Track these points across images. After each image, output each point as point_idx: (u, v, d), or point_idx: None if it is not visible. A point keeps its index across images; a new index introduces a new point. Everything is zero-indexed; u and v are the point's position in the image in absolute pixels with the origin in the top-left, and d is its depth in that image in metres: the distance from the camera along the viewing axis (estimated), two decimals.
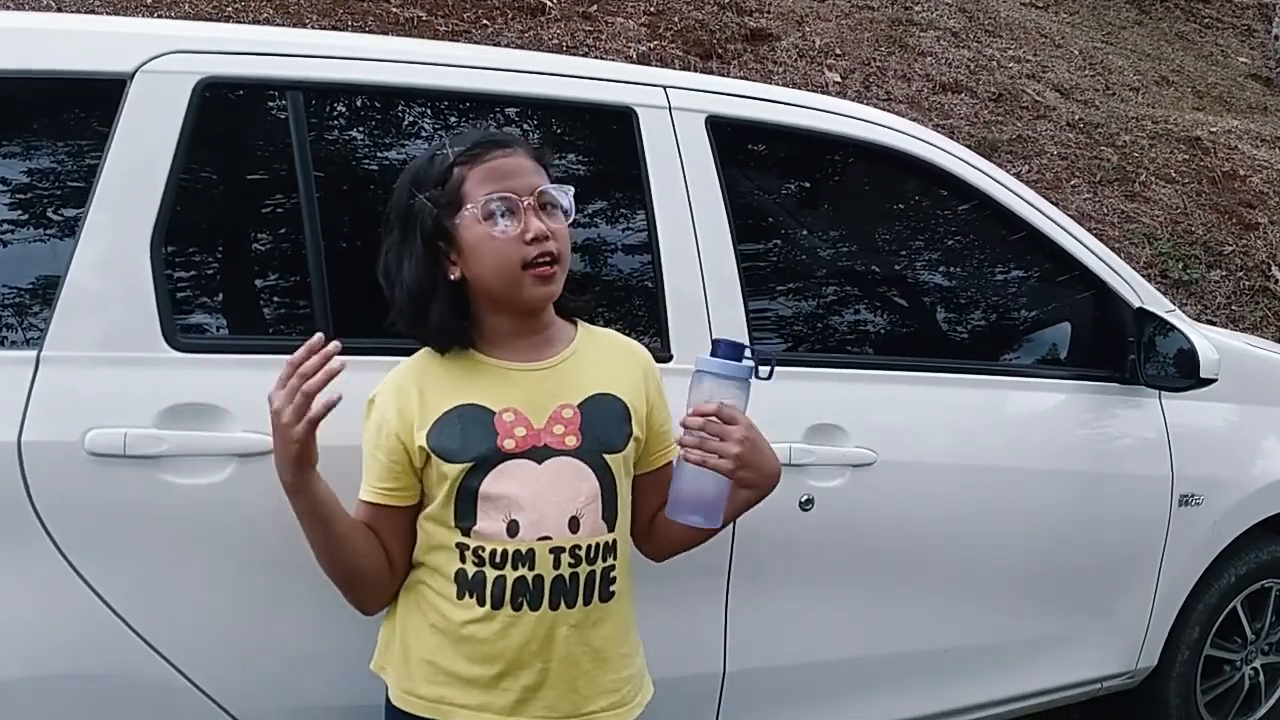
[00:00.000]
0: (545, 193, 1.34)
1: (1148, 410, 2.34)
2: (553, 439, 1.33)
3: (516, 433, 1.33)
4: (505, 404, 1.34)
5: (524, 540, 1.31)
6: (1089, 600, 2.33)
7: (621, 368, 1.43)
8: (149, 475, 1.47)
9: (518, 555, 1.31)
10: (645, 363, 1.47)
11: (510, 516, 1.32)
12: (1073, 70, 8.10)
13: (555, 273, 1.33)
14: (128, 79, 1.55)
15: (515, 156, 1.34)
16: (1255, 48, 10.30)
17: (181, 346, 1.53)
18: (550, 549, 1.32)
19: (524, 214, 1.31)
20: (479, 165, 1.33)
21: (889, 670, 2.08)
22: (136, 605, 1.49)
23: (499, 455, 1.32)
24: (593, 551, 1.34)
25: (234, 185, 1.75)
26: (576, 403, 1.36)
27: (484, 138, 1.37)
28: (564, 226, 1.35)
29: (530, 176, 1.34)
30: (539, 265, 1.31)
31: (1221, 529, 2.46)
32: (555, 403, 1.35)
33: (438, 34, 5.44)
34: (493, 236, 1.30)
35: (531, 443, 1.33)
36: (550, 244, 1.31)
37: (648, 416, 1.43)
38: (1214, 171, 7.18)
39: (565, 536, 1.32)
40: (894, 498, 1.98)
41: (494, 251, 1.31)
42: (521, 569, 1.31)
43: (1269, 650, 2.72)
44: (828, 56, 6.82)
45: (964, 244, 2.40)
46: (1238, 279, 6.45)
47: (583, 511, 1.33)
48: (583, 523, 1.33)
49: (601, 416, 1.37)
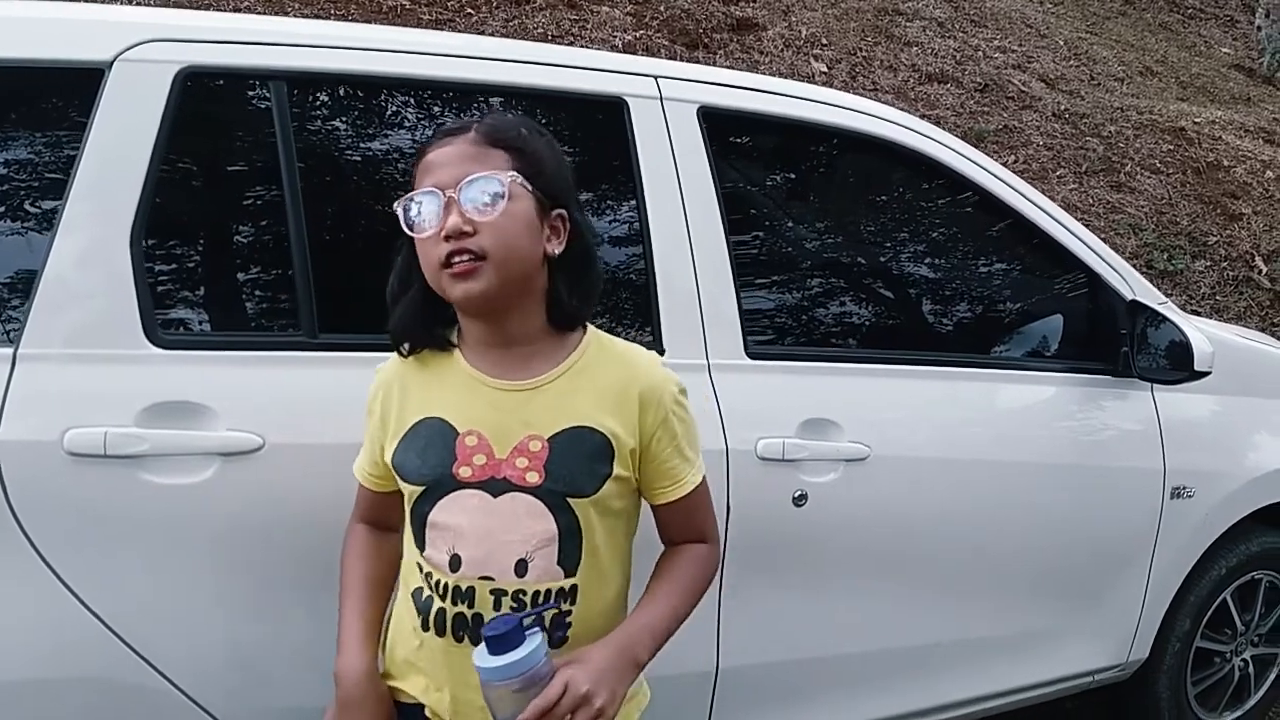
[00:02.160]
0: (466, 182, 1.19)
1: (1140, 403, 2.33)
2: (513, 472, 1.22)
3: (475, 460, 1.22)
4: (471, 425, 1.24)
5: (464, 577, 1.23)
6: (1081, 593, 2.33)
7: (614, 396, 1.26)
8: (130, 475, 1.44)
9: (458, 591, 1.23)
10: (649, 390, 1.28)
11: (454, 550, 1.23)
12: (1058, 61, 8.11)
13: (474, 269, 1.19)
14: (106, 68, 1.51)
15: (455, 145, 1.22)
16: (1238, 38, 10.35)
17: (163, 343, 1.49)
18: (491, 590, 1.22)
19: (445, 210, 1.19)
20: (422, 158, 1.24)
21: (883, 666, 2.07)
22: (118, 608, 1.45)
23: (452, 483, 1.22)
24: (540, 598, 1.23)
25: (216, 177, 1.71)
26: (548, 435, 1.23)
27: (448, 125, 1.27)
28: (492, 217, 1.18)
29: (461, 166, 1.20)
30: (453, 263, 1.19)
31: (1213, 521, 2.46)
32: (525, 432, 1.23)
33: (421, 22, 5.39)
34: (416, 236, 1.22)
35: (490, 473, 1.22)
36: (472, 240, 1.18)
37: (646, 450, 1.28)
38: (1198, 162, 7.21)
39: (509, 580, 1.22)
40: (887, 492, 1.96)
41: (422, 252, 1.23)
42: (461, 605, 1.23)
43: (1258, 642, 2.73)
44: (814, 46, 6.80)
45: (958, 236, 2.38)
46: (1222, 269, 6.48)
47: (533, 555, 1.22)
48: (532, 567, 1.22)
49: (573, 454, 1.23)
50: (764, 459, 1.82)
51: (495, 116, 1.27)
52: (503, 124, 1.26)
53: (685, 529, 1.36)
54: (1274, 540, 2.63)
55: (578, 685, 1.16)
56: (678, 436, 1.30)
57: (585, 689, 1.16)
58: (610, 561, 1.29)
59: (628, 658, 1.23)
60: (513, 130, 1.25)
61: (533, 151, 1.25)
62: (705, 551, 1.37)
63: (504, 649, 1.14)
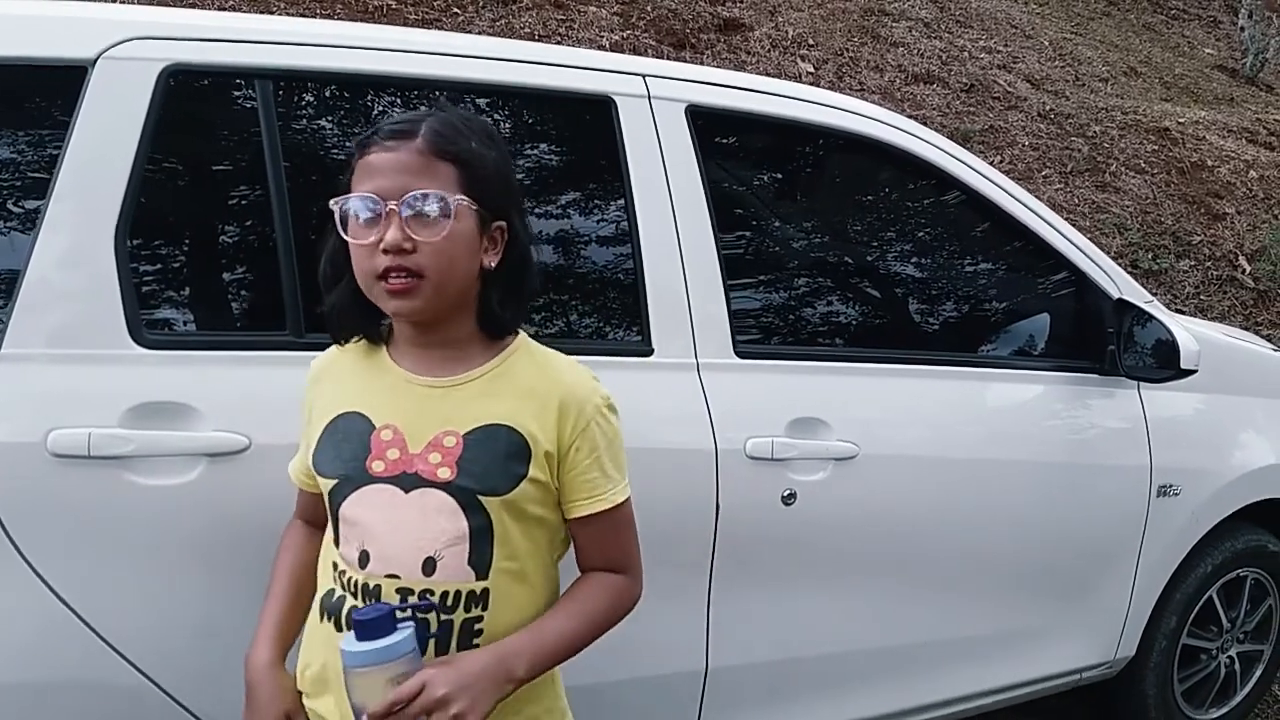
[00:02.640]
0: (412, 199, 1.15)
1: (1126, 401, 2.34)
2: (425, 468, 1.19)
3: (389, 455, 1.19)
4: (388, 419, 1.21)
5: (371, 574, 1.19)
6: (1069, 591, 2.33)
7: (536, 400, 1.23)
8: (115, 476, 1.42)
9: (365, 589, 1.19)
10: (571, 396, 1.24)
11: (363, 546, 1.20)
12: (1043, 61, 8.14)
13: (410, 287, 1.16)
14: (89, 66, 1.50)
15: (400, 151, 1.17)
16: (1221, 39, 10.42)
17: (148, 343, 1.48)
18: (397, 589, 1.18)
19: (384, 220, 1.15)
20: (363, 157, 1.19)
21: (872, 664, 2.07)
22: (103, 610, 1.44)
23: (364, 477, 1.19)
24: (449, 599, 1.18)
25: (201, 176, 1.70)
26: (464, 431, 1.20)
27: (387, 125, 1.20)
28: (437, 238, 1.15)
29: (404, 177, 1.16)
30: (389, 279, 1.16)
31: (1199, 519, 2.47)
32: (440, 428, 1.20)
33: (408, 21, 5.37)
34: (351, 239, 1.18)
35: (402, 468, 1.19)
36: (410, 258, 1.15)
37: (565, 459, 1.24)
38: (1182, 162, 7.25)
39: (415, 579, 1.18)
40: (876, 491, 1.97)
41: (355, 256, 1.19)
42: (369, 604, 1.19)
43: (1244, 639, 2.74)
44: (800, 47, 6.81)
45: (946, 235, 2.39)
46: (1206, 269, 6.52)
47: (442, 554, 1.18)
48: (440, 566, 1.18)
49: (487, 451, 1.20)
50: (753, 458, 1.82)
51: (442, 121, 1.21)
52: (451, 132, 1.20)
53: (603, 553, 1.29)
54: (1259, 538, 2.65)
55: (434, 687, 1.11)
56: (599, 449, 1.25)
57: (442, 692, 1.11)
58: (531, 572, 1.24)
59: (502, 670, 1.17)
60: (463, 141, 1.20)
61: (480, 165, 1.21)
62: (620, 583, 1.30)
63: (371, 636, 1.11)
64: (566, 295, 1.89)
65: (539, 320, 1.80)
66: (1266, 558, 2.67)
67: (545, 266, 1.87)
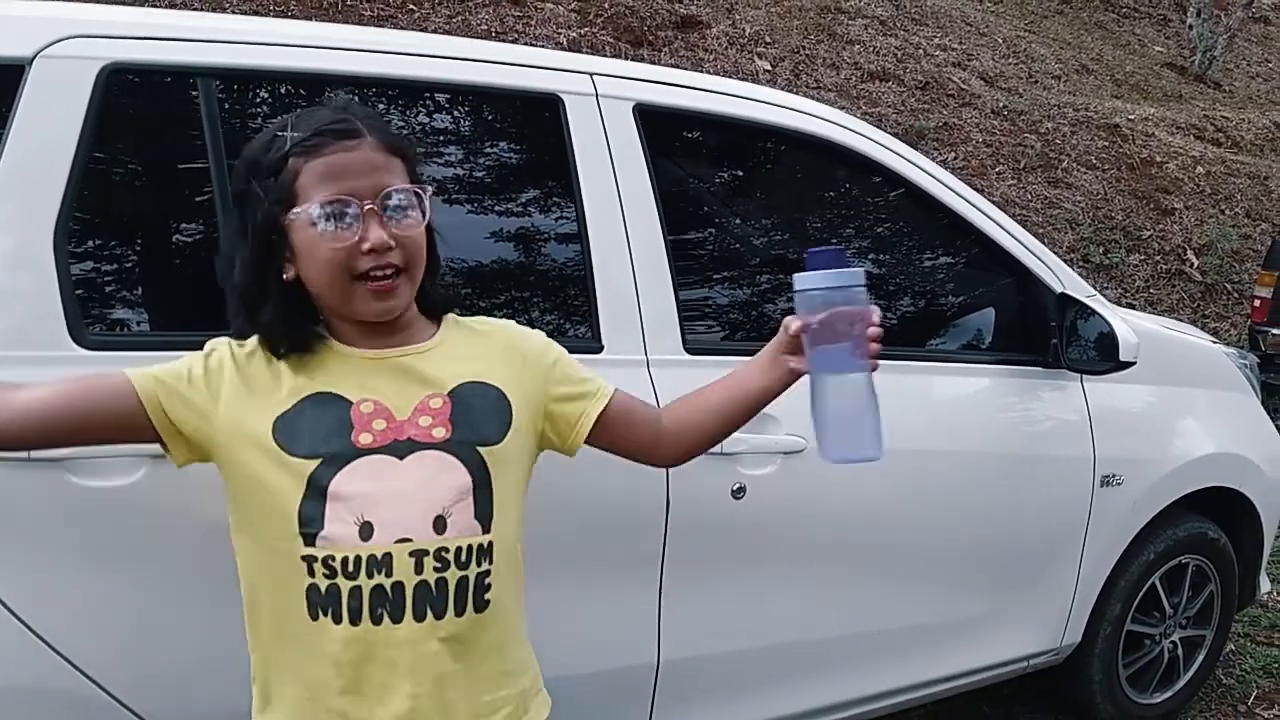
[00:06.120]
0: (391, 195, 1.18)
1: (1070, 393, 2.39)
2: (418, 431, 1.20)
3: (375, 426, 1.19)
4: (365, 394, 1.20)
5: (378, 544, 1.17)
6: (1015, 580, 2.38)
7: (495, 355, 1.30)
8: (55, 478, 1.41)
9: (372, 561, 1.16)
10: (520, 341, 1.34)
11: (363, 518, 1.17)
12: (997, 59, 8.24)
13: (396, 286, 1.19)
14: (26, 64, 1.48)
15: (361, 150, 1.17)
16: (1171, 37, 10.60)
17: (89, 344, 1.47)
18: (410, 552, 1.17)
19: (364, 219, 1.16)
20: (316, 159, 1.17)
21: (822, 654, 2.10)
22: (45, 614, 1.42)
23: (353, 451, 1.18)
24: (463, 555, 1.19)
25: (143, 176, 1.68)
26: (447, 390, 1.23)
27: (329, 124, 1.18)
28: (415, 232, 1.20)
29: (375, 175, 1.17)
30: (375, 279, 1.17)
31: (1141, 508, 2.53)
32: (423, 392, 1.22)
33: (363, 18, 5.34)
34: (324, 244, 1.16)
35: (393, 436, 1.19)
36: (393, 255, 1.17)
37: (556, 387, 1.32)
38: (1133, 158, 7.38)
39: (429, 538, 1.18)
40: (824, 483, 1.99)
41: (325, 260, 1.17)
42: (378, 576, 1.16)
43: (1187, 624, 2.81)
44: (758, 44, 6.84)
45: (891, 231, 2.42)
46: (1155, 263, 6.64)
47: (450, 510, 1.19)
48: (450, 522, 1.19)
49: (475, 406, 1.23)
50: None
51: (368, 114, 1.22)
52: (385, 125, 1.24)
53: (646, 413, 1.40)
54: (1200, 525, 2.71)
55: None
56: (574, 364, 1.37)
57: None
58: (516, 521, 1.28)
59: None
60: (400, 136, 1.26)
61: (413, 154, 1.26)
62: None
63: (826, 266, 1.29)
64: (516, 293, 1.89)
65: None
66: (1207, 545, 2.73)
67: (494, 266, 1.87)
